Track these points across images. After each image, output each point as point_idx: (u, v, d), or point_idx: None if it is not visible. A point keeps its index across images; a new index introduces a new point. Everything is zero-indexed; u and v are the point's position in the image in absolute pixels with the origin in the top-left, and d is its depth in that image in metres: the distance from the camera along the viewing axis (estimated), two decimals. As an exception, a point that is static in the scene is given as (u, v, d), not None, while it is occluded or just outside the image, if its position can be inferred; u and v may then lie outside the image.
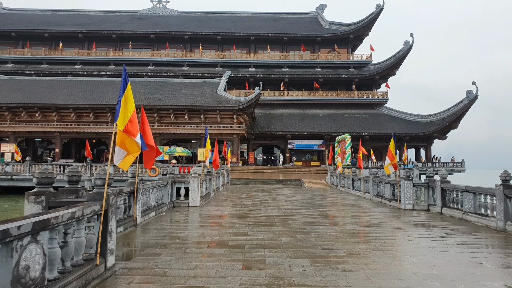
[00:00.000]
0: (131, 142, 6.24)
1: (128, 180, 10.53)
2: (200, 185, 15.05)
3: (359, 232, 9.56)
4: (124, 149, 6.25)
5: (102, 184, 6.04)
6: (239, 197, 19.35)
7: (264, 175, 37.21)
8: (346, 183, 24.25)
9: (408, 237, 9.02)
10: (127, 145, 6.24)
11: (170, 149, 35.57)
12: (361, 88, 54.82)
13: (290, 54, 55.82)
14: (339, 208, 15.24)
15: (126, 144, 6.24)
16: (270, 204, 16.02)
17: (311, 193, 22.37)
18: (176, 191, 15.22)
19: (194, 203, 14.52)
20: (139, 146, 6.40)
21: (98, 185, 6.09)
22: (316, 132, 48.17)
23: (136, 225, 10.15)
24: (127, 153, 6.30)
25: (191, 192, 14.55)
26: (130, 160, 6.40)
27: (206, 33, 56.03)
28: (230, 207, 14.66)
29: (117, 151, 6.31)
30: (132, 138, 6.20)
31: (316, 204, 16.18)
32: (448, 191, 13.27)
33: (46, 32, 55.30)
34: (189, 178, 14.61)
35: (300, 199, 18.57)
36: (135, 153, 6.37)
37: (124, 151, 6.27)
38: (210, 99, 43.73)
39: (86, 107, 42.58)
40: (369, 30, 55.79)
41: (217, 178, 21.82)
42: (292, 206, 15.21)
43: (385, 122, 50.68)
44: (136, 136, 6.29)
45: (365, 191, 19.74)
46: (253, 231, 9.43)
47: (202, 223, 10.95)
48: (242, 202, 16.73)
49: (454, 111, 47.34)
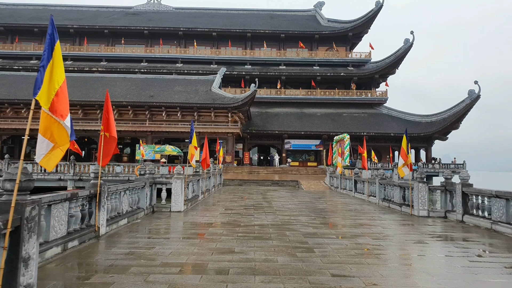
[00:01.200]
0: (59, 128, 4.24)
1: (91, 181, 8.51)
2: (184, 186, 13.05)
3: (375, 248, 7.58)
4: (50, 139, 4.24)
5: (11, 188, 4.04)
6: (231, 200, 17.35)
7: (260, 175, 35.22)
8: (347, 185, 22.29)
9: (439, 257, 7.04)
10: (54, 133, 4.24)
11: (159, 148, 33.46)
12: (360, 87, 52.95)
13: (287, 52, 53.83)
14: (343, 214, 13.27)
15: (53, 131, 4.23)
16: (264, 209, 14.03)
17: (310, 196, 20.39)
18: (159, 193, 13.24)
19: (177, 208, 12.51)
20: (68, 134, 4.37)
21: (8, 190, 4.09)
22: (314, 132, 46.27)
23: (98, 237, 8.14)
24: (54, 145, 4.29)
25: (174, 195, 12.54)
26: (57, 155, 4.38)
27: (201, 29, 53.99)
28: (218, 213, 12.66)
29: (39, 142, 4.28)
30: (61, 121, 4.18)
31: (316, 210, 14.20)
32: (471, 196, 11.33)
33: (36, 27, 53.10)
34: (172, 179, 12.59)
35: (299, 203, 16.58)
36: (64, 146, 4.35)
37: (49, 142, 4.25)
38: (204, 97, 41.70)
39: (75, 103, 40.43)
40: (368, 28, 53.91)
41: (207, 179, 19.80)
42: (290, 212, 13.22)
43: (384, 122, 48.84)
44: (66, 119, 4.28)
45: (369, 194, 17.79)
46: (242, 247, 7.44)
47: (180, 234, 8.94)
48: (233, 206, 14.73)
49: (456, 111, 45.56)
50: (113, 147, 8.62)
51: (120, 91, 42.28)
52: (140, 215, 11.21)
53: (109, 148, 8.52)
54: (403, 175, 13.61)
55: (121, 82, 44.62)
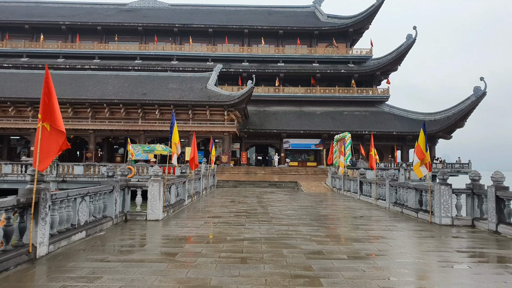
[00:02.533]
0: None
1: (26, 187, 6.40)
2: (164, 190, 10.96)
3: (400, 275, 5.48)
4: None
5: None
6: (222, 205, 15.24)
7: (257, 176, 33.11)
8: (351, 186, 20.18)
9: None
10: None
11: (149, 147, 31.33)
12: (361, 85, 50.85)
13: (286, 48, 51.69)
14: (351, 223, 11.17)
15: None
16: (259, 216, 11.93)
17: (311, 199, 18.29)
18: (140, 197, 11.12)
19: (154, 216, 10.41)
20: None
21: None
22: (313, 131, 44.21)
23: (34, 260, 6.05)
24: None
25: (150, 201, 10.45)
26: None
27: (197, 25, 51.86)
28: (203, 222, 10.55)
29: None
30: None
31: (319, 217, 12.11)
32: (507, 202, 9.25)
33: (26, 23, 51.00)
34: (148, 181, 10.49)
35: (298, 207, 14.47)
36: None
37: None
38: (199, 94, 39.60)
39: (64, 101, 38.32)
40: (370, 24, 51.80)
41: (196, 181, 17.68)
42: (289, 220, 11.12)
43: (386, 120, 46.77)
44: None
45: (378, 197, 15.69)
46: (222, 277, 5.36)
47: (145, 254, 6.83)
48: (222, 213, 12.62)
49: (461, 109, 43.50)
50: (58, 144, 6.39)
51: (112, 89, 40.20)
52: (106, 226, 9.12)
53: (52, 145, 6.33)
54: (421, 176, 11.53)
55: (113, 79, 42.51)
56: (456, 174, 43.36)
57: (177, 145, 11.64)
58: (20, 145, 46.34)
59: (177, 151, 11.72)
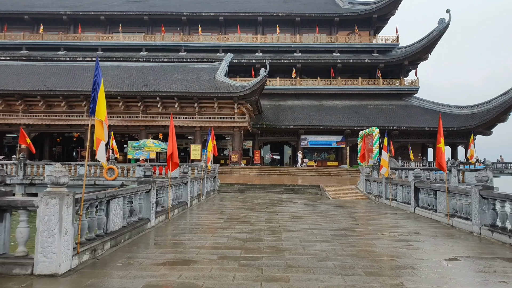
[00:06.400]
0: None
1: None
2: (80, 211, 5.46)
3: None
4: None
5: None
6: (209, 227, 9.67)
7: (270, 178, 27.50)
8: (398, 193, 14.30)
9: None
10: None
11: (138, 143, 25.93)
12: (386, 76, 44.69)
13: (303, 37, 45.84)
14: (440, 277, 5.44)
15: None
16: (263, 258, 6.30)
17: (345, 214, 12.53)
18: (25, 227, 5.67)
19: (49, 268, 4.91)
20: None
21: None
22: (335, 126, 38.33)
23: None
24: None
25: (42, 237, 4.96)
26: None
27: (207, 13, 46.48)
28: (146, 281, 4.99)
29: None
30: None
31: (374, 256, 6.41)
32: None
33: (26, 14, 46.55)
34: (35, 200, 5.01)
35: (333, 235, 8.73)
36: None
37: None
38: (207, 85, 34.20)
39: (57, 94, 33.51)
40: (396, 9, 45.56)
41: (182, 187, 12.11)
42: (320, 270, 5.47)
43: (416, 115, 40.55)
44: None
45: (453, 214, 9.89)
46: None
47: None
48: (199, 250, 6.94)
49: (503, 101, 37.03)
50: None
51: (111, 80, 35.00)
52: None
53: None
54: None
55: (113, 70, 37.40)
56: (498, 175, 37.04)
57: (103, 124, 6.14)
58: (15, 142, 41.78)
59: (104, 136, 6.22)
